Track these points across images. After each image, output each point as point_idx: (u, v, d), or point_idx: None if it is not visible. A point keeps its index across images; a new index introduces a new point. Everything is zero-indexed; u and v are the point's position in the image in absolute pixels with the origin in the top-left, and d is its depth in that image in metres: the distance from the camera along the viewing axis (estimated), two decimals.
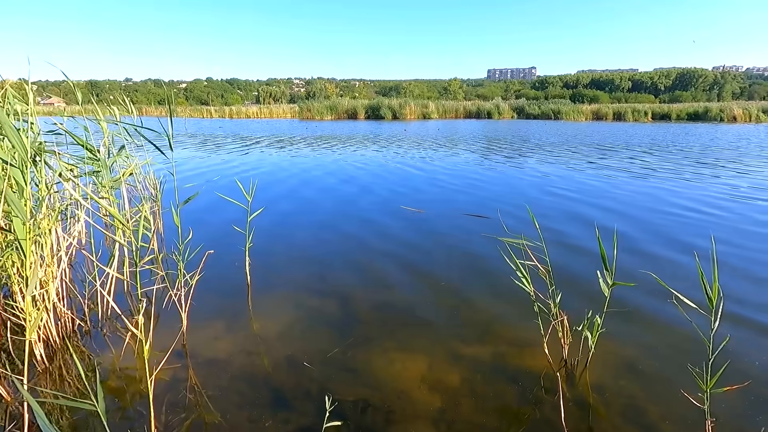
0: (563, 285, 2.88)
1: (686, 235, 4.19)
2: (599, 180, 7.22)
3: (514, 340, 2.36)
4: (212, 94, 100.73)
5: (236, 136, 17.14)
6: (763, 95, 73.64)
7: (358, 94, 78.81)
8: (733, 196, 5.97)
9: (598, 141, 15.35)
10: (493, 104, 39.86)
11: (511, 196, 5.94)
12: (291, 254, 3.67)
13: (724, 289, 1.48)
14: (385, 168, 8.62)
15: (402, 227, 4.43)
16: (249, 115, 41.33)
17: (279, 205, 5.37)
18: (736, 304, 2.67)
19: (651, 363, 2.11)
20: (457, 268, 3.39)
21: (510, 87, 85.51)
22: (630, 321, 2.49)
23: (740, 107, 33.46)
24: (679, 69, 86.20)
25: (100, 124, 3.73)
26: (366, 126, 25.55)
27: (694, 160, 10.14)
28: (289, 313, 2.68)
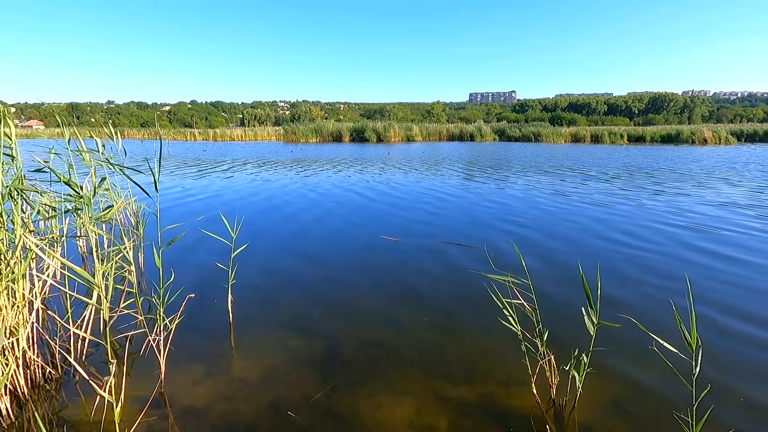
0: (549, 317, 2.90)
1: (671, 269, 4.28)
2: (594, 207, 7.37)
3: (502, 379, 2.33)
4: (196, 117, 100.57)
5: (220, 160, 17.03)
6: (731, 118, 77.38)
7: (342, 117, 79.64)
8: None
9: (591, 165, 15.73)
10: (475, 127, 40.73)
11: (496, 221, 5.99)
12: (275, 289, 3.59)
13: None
14: (371, 193, 8.62)
15: (385, 259, 4.40)
16: (233, 137, 41.26)
17: (263, 236, 5.29)
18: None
19: (639, 402, 2.10)
20: (441, 302, 3.36)
21: (491, 110, 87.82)
22: (618, 356, 2.50)
23: (710, 130, 34.92)
24: (651, 93, 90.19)
25: (83, 155, 3.66)
26: (351, 149, 25.73)
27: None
28: (272, 354, 2.61)
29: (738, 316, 3.06)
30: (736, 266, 4.12)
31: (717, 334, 2.80)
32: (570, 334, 2.71)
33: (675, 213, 6.60)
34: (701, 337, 2.71)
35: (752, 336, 2.77)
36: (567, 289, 3.54)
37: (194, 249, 4.56)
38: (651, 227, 5.67)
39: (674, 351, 1.52)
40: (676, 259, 4.33)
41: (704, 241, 4.98)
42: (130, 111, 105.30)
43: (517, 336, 2.11)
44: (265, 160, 17.03)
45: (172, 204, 7.20)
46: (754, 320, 2.99)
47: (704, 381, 2.26)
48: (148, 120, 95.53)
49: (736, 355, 2.55)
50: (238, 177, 11.35)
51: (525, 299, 2.20)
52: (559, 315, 3.05)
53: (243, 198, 7.98)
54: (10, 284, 2.01)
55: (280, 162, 16.31)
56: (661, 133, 36.65)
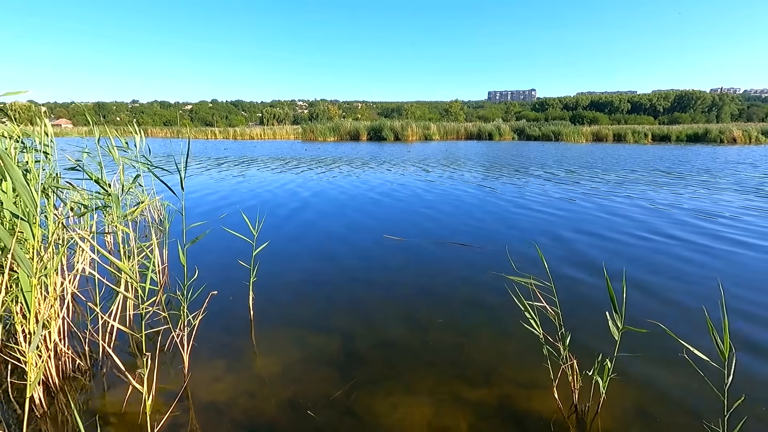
0: (571, 321, 2.85)
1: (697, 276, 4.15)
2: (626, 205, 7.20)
3: (521, 382, 2.30)
4: (217, 116, 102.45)
5: (242, 158, 17.30)
6: (762, 117, 74.30)
7: (360, 116, 79.93)
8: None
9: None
10: (493, 126, 40.30)
11: (516, 222, 5.92)
12: (293, 287, 3.63)
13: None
14: (394, 192, 8.63)
15: (401, 259, 4.39)
16: (253, 136, 41.87)
17: (283, 235, 5.35)
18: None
19: (666, 410, 2.05)
20: (456, 303, 3.34)
21: (510, 108, 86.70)
22: (643, 362, 2.43)
23: (739, 129, 33.68)
24: (677, 91, 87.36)
25: (112, 153, 3.76)
26: (368, 147, 25.79)
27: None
28: (292, 352, 2.64)
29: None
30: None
31: (751, 342, 2.70)
32: (594, 339, 2.66)
33: (708, 214, 6.39)
34: (741, 339, 2.63)
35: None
36: (589, 291, 3.47)
37: (217, 246, 4.65)
38: (686, 226, 5.50)
39: (705, 359, 1.47)
40: (708, 261, 4.19)
41: (735, 245, 4.80)
42: (153, 110, 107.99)
43: (538, 339, 2.08)
44: (285, 159, 17.22)
45: (196, 202, 7.36)
46: None
47: (737, 391, 2.19)
48: (170, 119, 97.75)
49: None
50: (259, 175, 11.52)
51: (549, 302, 2.16)
52: (583, 318, 3.00)
53: (263, 196, 8.09)
54: (44, 278, 2.09)
55: (299, 160, 16.47)
56: (687, 132, 35.56)
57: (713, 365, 1.54)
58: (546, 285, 2.08)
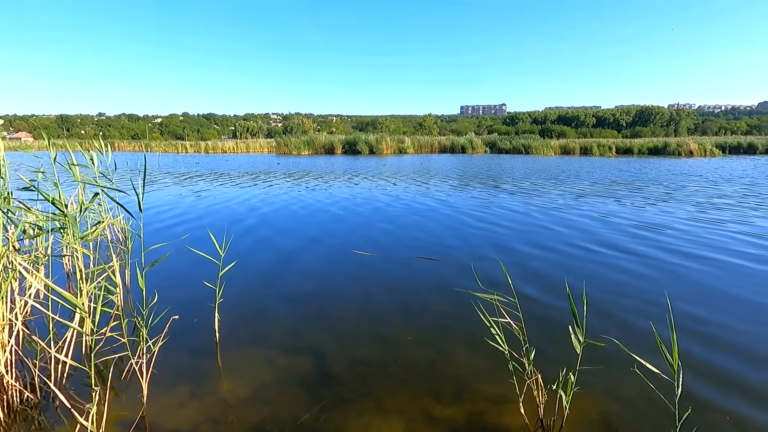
0: (537, 336, 2.90)
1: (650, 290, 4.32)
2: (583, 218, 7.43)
3: (491, 397, 2.32)
4: (188, 129, 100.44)
5: (212, 173, 16.96)
6: (715, 131, 79.13)
7: (335, 129, 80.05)
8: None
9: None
10: (466, 139, 41.16)
11: (486, 236, 6.02)
12: (262, 307, 3.56)
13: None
14: (366, 205, 8.63)
15: (373, 274, 4.39)
16: (225, 150, 41.20)
17: (252, 252, 5.25)
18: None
19: (626, 419, 2.10)
20: (428, 318, 3.34)
21: (482, 122, 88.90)
22: (606, 375, 2.49)
23: (696, 142, 35.62)
24: (638, 106, 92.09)
25: (72, 170, 3.62)
26: (343, 161, 25.82)
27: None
28: (260, 374, 2.57)
29: (728, 331, 3.08)
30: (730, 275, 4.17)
31: (706, 349, 2.82)
32: (558, 353, 2.71)
33: (659, 226, 6.69)
34: (690, 352, 2.74)
35: (741, 351, 2.80)
36: (551, 306, 3.54)
37: (182, 266, 4.51)
38: (638, 239, 5.73)
39: (657, 372, 1.53)
40: (663, 274, 4.37)
41: (684, 259, 5.04)
42: (121, 123, 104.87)
43: (505, 356, 2.11)
44: (257, 173, 16.99)
45: (160, 218, 7.13)
46: (742, 335, 3.02)
47: (691, 398, 2.27)
48: (139, 132, 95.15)
49: (725, 372, 2.57)
50: (228, 190, 11.30)
51: (512, 317, 2.20)
52: (548, 333, 3.05)
53: (232, 212, 7.93)
54: None
55: (271, 174, 16.29)
56: (648, 146, 37.30)
57: (665, 377, 1.60)
58: (510, 301, 2.12)
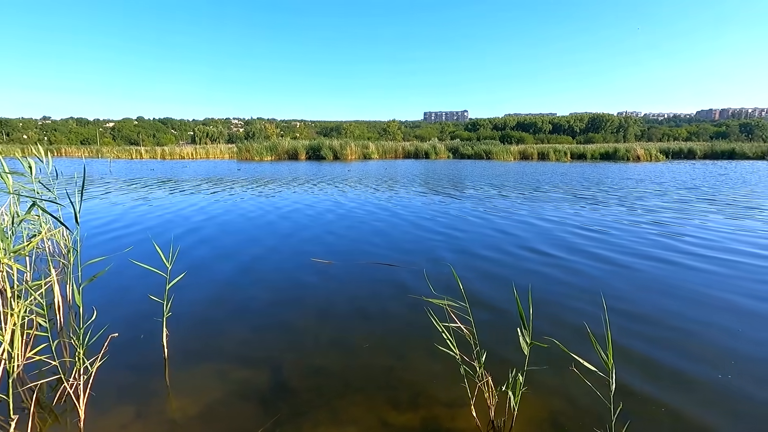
0: (490, 338, 2.98)
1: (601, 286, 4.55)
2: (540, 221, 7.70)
3: (446, 402, 2.35)
4: (143, 134, 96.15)
5: (169, 179, 16.29)
6: (659, 137, 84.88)
7: (299, 135, 79.23)
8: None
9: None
10: (430, 145, 41.86)
11: (445, 240, 6.13)
12: (215, 320, 3.44)
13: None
14: (328, 212, 8.56)
15: (330, 282, 4.36)
16: (183, 156, 39.75)
17: (205, 263, 5.07)
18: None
19: (573, 416, 2.19)
20: (386, 325, 3.35)
21: (445, 128, 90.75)
22: (555, 373, 2.59)
23: (642, 148, 38.00)
24: (590, 114, 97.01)
25: (2, 177, 3.36)
26: (307, 166, 25.55)
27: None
28: (212, 389, 2.48)
29: (660, 326, 3.29)
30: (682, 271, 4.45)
31: (644, 346, 2.99)
32: (509, 355, 2.79)
33: (605, 229, 7.06)
34: (630, 348, 2.89)
35: (673, 347, 2.99)
36: (505, 310, 3.63)
37: (129, 280, 4.29)
38: (588, 243, 6.02)
39: (594, 369, 1.61)
40: (604, 275, 4.61)
41: (622, 260, 5.35)
42: (68, 127, 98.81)
43: (463, 358, 2.15)
44: (215, 179, 16.49)
45: (108, 229, 6.76)
46: (676, 330, 3.23)
47: (632, 392, 2.40)
48: (89, 137, 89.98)
49: (661, 367, 2.74)
50: (183, 198, 10.88)
51: (465, 321, 2.25)
52: (499, 336, 3.13)
53: (188, 221, 7.63)
54: None
55: (230, 181, 15.86)
56: (600, 151, 39.39)
57: (601, 374, 1.69)
58: (462, 305, 2.16)
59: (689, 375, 2.61)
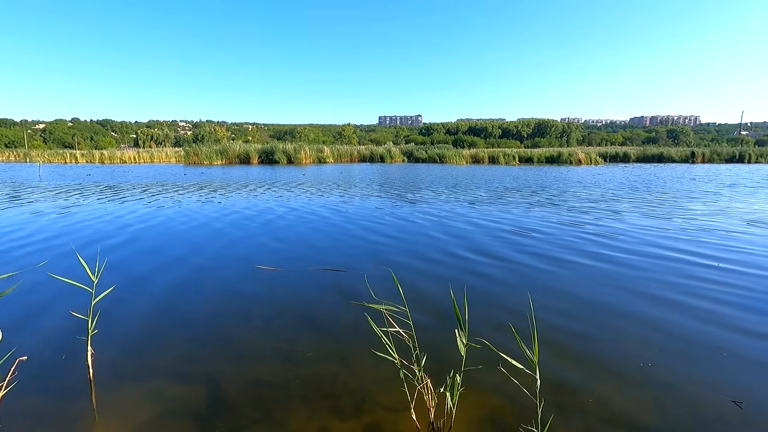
0: (433, 341, 3.03)
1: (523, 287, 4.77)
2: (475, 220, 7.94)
3: (390, 406, 2.36)
4: (79, 137, 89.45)
5: (105, 185, 15.23)
6: (599, 141, 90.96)
7: (251, 138, 76.99)
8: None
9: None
10: (385, 149, 42.19)
11: (392, 244, 6.18)
12: (150, 333, 3.25)
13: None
14: (278, 218, 8.36)
15: (275, 290, 4.23)
16: (125, 160, 37.39)
17: (138, 275, 4.77)
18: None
19: (511, 411, 2.27)
20: (332, 332, 3.31)
21: (400, 133, 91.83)
22: (493, 372, 2.66)
23: (583, 152, 40.46)
24: (536, 119, 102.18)
25: None
26: (260, 171, 24.89)
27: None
28: (144, 409, 2.34)
29: (587, 322, 3.51)
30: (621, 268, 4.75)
31: (574, 339, 3.17)
32: (449, 357, 2.84)
33: (533, 232, 7.45)
34: (559, 342, 3.05)
35: (598, 337, 3.19)
36: (440, 311, 3.68)
37: (48, 297, 3.96)
38: (511, 243, 6.31)
39: (520, 367, 1.68)
40: (538, 274, 4.86)
41: (550, 261, 5.67)
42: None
43: (407, 362, 2.17)
44: (158, 184, 15.64)
45: (26, 242, 6.20)
46: (601, 325, 3.45)
47: (560, 385, 2.53)
48: (15, 139, 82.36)
49: (588, 358, 2.91)
50: (120, 206, 10.19)
51: (406, 326, 2.27)
52: (443, 338, 3.17)
53: (122, 229, 7.14)
54: None
55: (175, 186, 15.11)
56: (545, 155, 41.46)
57: (528, 373, 1.77)
58: (403, 310, 2.19)
59: (614, 366, 2.79)
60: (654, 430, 2.17)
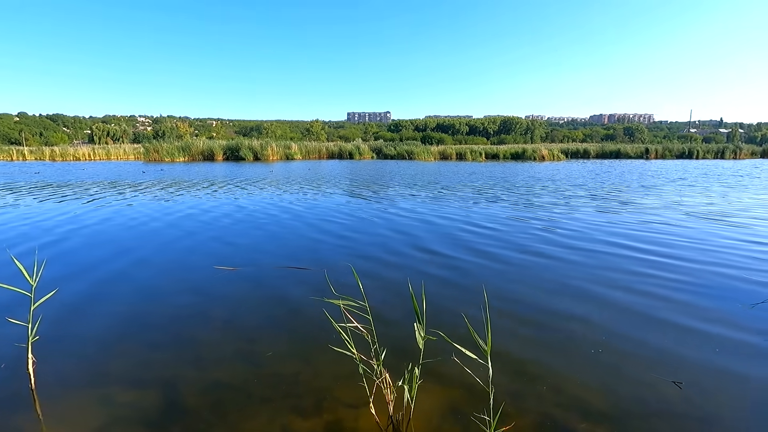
0: (392, 336, 3.05)
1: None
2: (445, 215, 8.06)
3: (351, 403, 2.35)
4: (27, 132, 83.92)
5: (54, 185, 14.36)
6: (561, 138, 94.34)
7: (215, 134, 74.66)
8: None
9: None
10: (354, 145, 41.98)
11: (356, 241, 6.18)
12: (102, 339, 3.11)
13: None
14: (232, 215, 8.16)
15: (235, 290, 4.13)
16: (79, 157, 35.46)
17: (87, 274, 4.56)
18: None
19: (469, 402, 2.32)
20: (294, 330, 3.28)
21: (369, 129, 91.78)
22: (452, 364, 2.71)
23: (546, 148, 41.84)
24: (502, 116, 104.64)
25: None
26: (225, 168, 24.20)
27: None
28: (93, 417, 2.23)
29: (527, 310, 3.64)
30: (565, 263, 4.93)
31: (532, 330, 3.28)
32: (411, 350, 2.87)
33: (490, 228, 7.66)
34: (517, 333, 3.15)
35: (553, 327, 3.32)
36: (401, 306, 3.71)
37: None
38: (469, 238, 6.46)
39: (474, 357, 1.72)
40: (492, 267, 5.00)
41: (503, 255, 5.85)
42: None
43: (369, 358, 2.17)
44: (113, 183, 14.92)
45: None
46: (555, 314, 3.59)
47: (518, 373, 2.62)
48: None
49: (545, 347, 3.02)
50: (68, 205, 9.67)
51: (366, 321, 2.28)
52: (404, 333, 3.19)
53: (69, 230, 6.76)
54: None
55: (133, 184, 14.45)
56: (511, 151, 42.57)
57: (482, 362, 1.81)
58: (361, 305, 2.19)
59: (567, 354, 2.90)
60: (602, 411, 2.28)
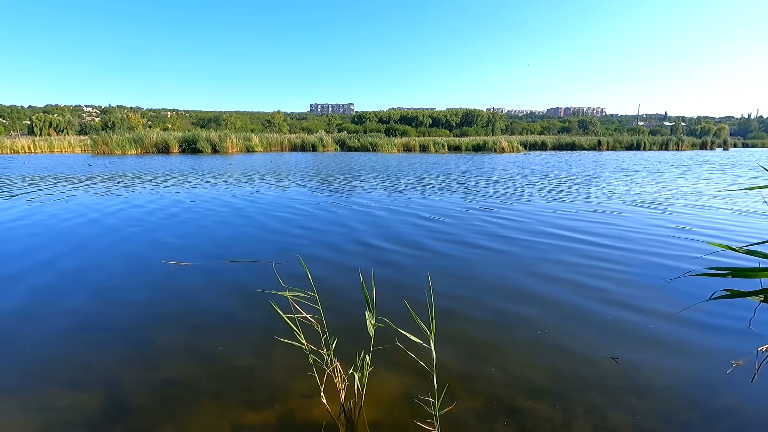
0: (345, 325, 3.08)
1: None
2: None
3: (305, 393, 2.35)
4: None
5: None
6: (520, 131, 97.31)
7: (170, 126, 71.39)
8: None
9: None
10: (317, 137, 41.47)
11: (308, 231, 6.15)
12: (42, 341, 2.94)
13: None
14: (188, 210, 7.89)
15: (186, 286, 4.01)
16: (17, 149, 32.91)
17: (25, 275, 4.31)
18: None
19: (420, 387, 2.38)
20: (248, 324, 3.23)
21: (332, 121, 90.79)
22: (402, 350, 2.76)
23: (506, 141, 43.05)
24: (464, 109, 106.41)
25: None
26: (181, 161, 23.24)
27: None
28: (28, 422, 2.11)
29: (476, 296, 3.79)
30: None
31: (487, 314, 3.41)
32: (363, 339, 2.90)
33: (443, 217, 7.87)
34: (462, 313, 3.25)
35: (501, 311, 3.47)
36: (350, 295, 3.74)
37: None
38: (421, 229, 6.61)
39: (420, 342, 1.77)
40: (442, 256, 5.14)
41: (451, 245, 6.04)
42: None
43: (320, 349, 2.18)
44: (54, 176, 13.99)
45: None
46: (490, 299, 3.74)
47: (471, 357, 2.71)
48: None
49: (488, 331, 3.15)
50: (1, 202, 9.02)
51: (315, 311, 2.28)
52: (356, 323, 3.17)
53: (8, 227, 6.35)
54: None
55: (76, 179, 13.60)
56: (472, 143, 43.51)
57: (426, 346, 1.87)
58: (311, 295, 2.19)
59: (514, 336, 3.04)
60: (546, 389, 2.41)
